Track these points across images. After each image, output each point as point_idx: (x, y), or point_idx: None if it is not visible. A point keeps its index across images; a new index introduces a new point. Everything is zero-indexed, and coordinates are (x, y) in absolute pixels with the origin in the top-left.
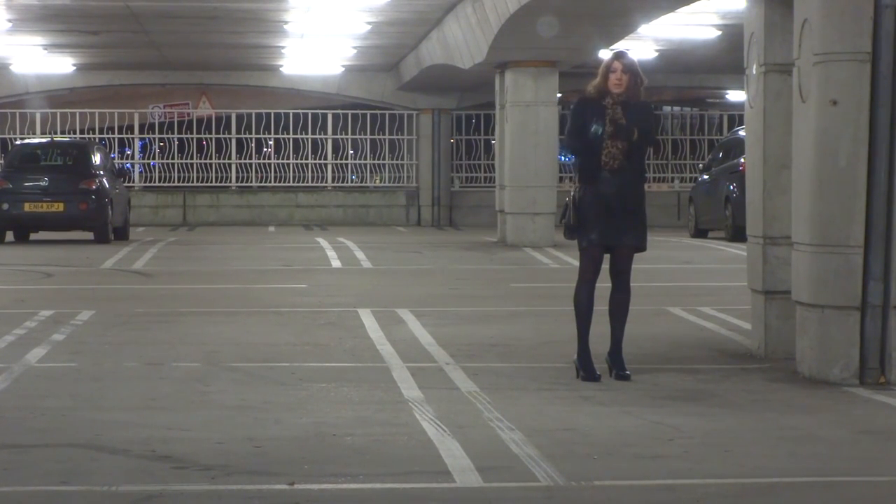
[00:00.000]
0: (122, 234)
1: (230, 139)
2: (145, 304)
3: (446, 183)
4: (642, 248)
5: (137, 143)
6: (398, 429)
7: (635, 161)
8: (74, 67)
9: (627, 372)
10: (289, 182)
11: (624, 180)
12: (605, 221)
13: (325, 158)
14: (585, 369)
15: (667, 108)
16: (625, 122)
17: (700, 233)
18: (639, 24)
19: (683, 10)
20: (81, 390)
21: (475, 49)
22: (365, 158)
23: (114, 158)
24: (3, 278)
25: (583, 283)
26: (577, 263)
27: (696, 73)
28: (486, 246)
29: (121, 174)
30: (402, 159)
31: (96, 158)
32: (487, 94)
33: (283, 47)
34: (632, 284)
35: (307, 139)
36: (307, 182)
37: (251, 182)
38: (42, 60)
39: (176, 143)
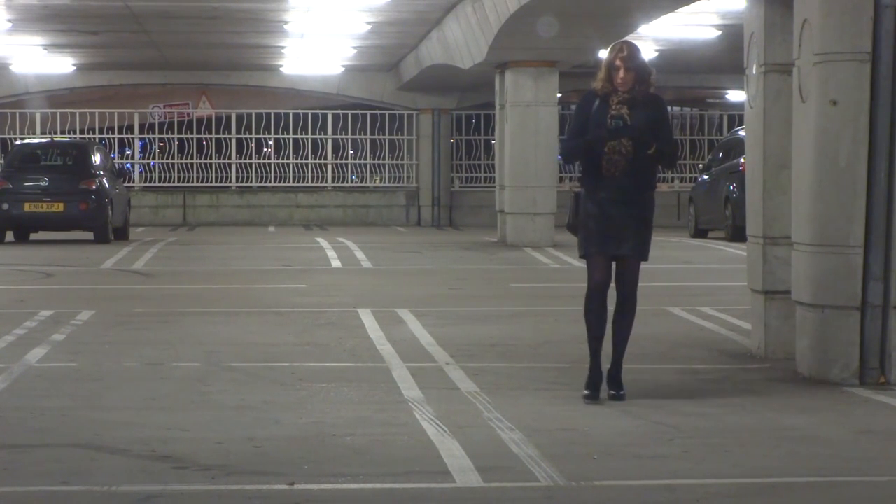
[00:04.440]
0: (122, 234)
1: (230, 139)
2: (145, 304)
3: (446, 183)
4: (643, 259)
5: (137, 143)
6: (398, 429)
7: (641, 168)
8: (74, 67)
9: (622, 392)
10: (289, 182)
11: (628, 188)
12: (606, 230)
13: (325, 158)
14: (589, 386)
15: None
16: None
17: (700, 233)
18: (639, 24)
19: (683, 10)
20: (81, 390)
21: (475, 49)
22: (365, 158)
23: (114, 158)
24: (3, 278)
25: (589, 293)
26: (577, 263)
27: (696, 73)
28: (486, 246)
29: (121, 174)
30: (402, 159)
31: (96, 158)
32: (487, 94)
33: (283, 47)
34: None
35: (307, 139)
36: (307, 182)
37: (251, 182)
38: (42, 60)
39: (176, 143)
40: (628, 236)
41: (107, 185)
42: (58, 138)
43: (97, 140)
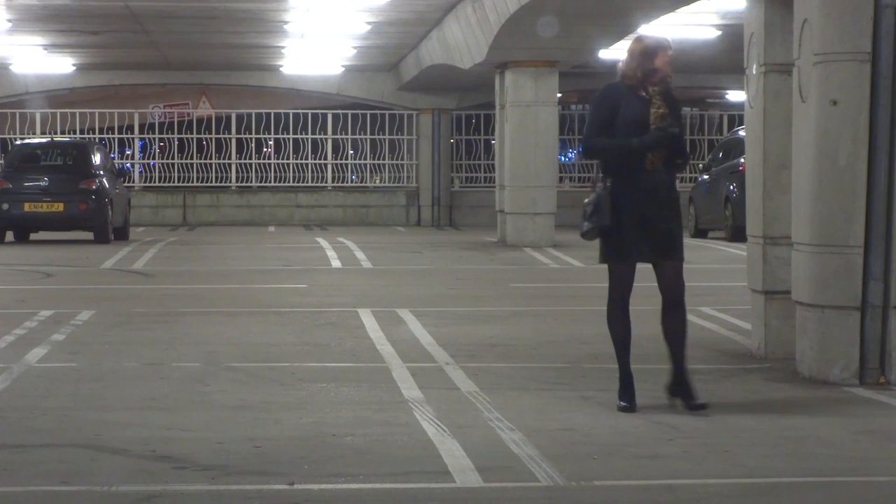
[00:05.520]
0: (122, 234)
1: (230, 139)
2: (145, 304)
3: (446, 183)
4: (683, 259)
5: (137, 143)
6: (398, 429)
7: (670, 162)
8: (74, 67)
9: (701, 401)
10: (289, 182)
11: (663, 186)
12: (642, 233)
13: (325, 158)
14: (625, 397)
15: None
16: (676, 129)
17: (700, 233)
18: (639, 24)
19: (683, 10)
20: (81, 390)
21: (475, 49)
22: (365, 158)
23: (114, 158)
24: (3, 278)
25: (614, 303)
26: (577, 263)
27: (696, 73)
28: (486, 246)
29: (121, 174)
30: (402, 159)
31: (96, 158)
32: (487, 94)
33: (283, 47)
34: (635, 285)
35: (307, 139)
36: (307, 182)
37: (251, 182)
38: (42, 60)
39: (176, 143)
40: (667, 238)
41: (107, 185)
42: (58, 138)
43: (97, 140)
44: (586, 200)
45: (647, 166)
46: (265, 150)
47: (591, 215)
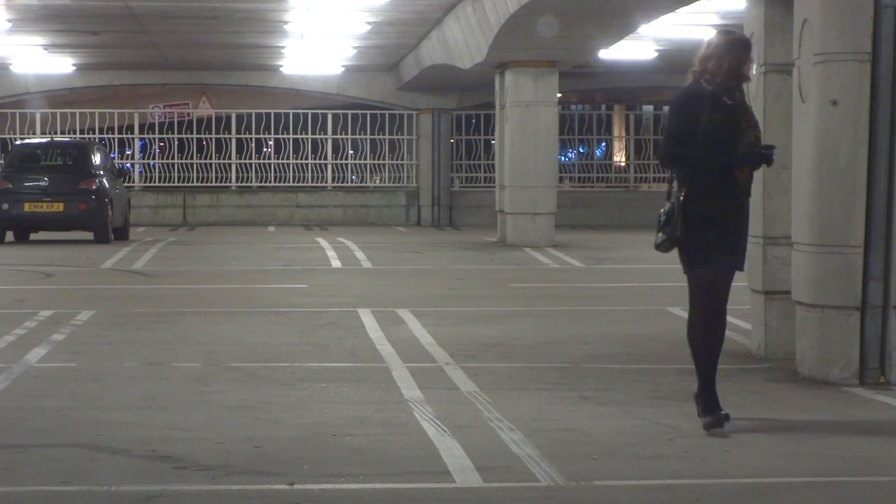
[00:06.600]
0: (122, 234)
1: (230, 139)
2: (145, 304)
3: (446, 183)
4: (742, 269)
5: (137, 143)
6: (398, 429)
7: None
8: (74, 67)
9: (724, 412)
10: (289, 182)
11: (742, 192)
12: (720, 242)
13: (325, 158)
14: (712, 413)
15: (666, 108)
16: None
17: None
18: (639, 24)
19: (683, 10)
20: (81, 390)
21: (475, 49)
22: (365, 158)
23: (114, 158)
24: (3, 278)
25: (697, 315)
26: (577, 263)
27: None
28: (486, 246)
29: (121, 174)
30: (402, 159)
31: (96, 158)
32: (487, 94)
33: (283, 47)
34: (631, 285)
35: (307, 139)
36: (307, 182)
37: (251, 182)
38: (42, 60)
39: (176, 143)
40: (740, 246)
41: (107, 185)
42: (58, 138)
43: (97, 140)
44: (662, 210)
45: (737, 177)
46: (265, 150)
47: (664, 226)
